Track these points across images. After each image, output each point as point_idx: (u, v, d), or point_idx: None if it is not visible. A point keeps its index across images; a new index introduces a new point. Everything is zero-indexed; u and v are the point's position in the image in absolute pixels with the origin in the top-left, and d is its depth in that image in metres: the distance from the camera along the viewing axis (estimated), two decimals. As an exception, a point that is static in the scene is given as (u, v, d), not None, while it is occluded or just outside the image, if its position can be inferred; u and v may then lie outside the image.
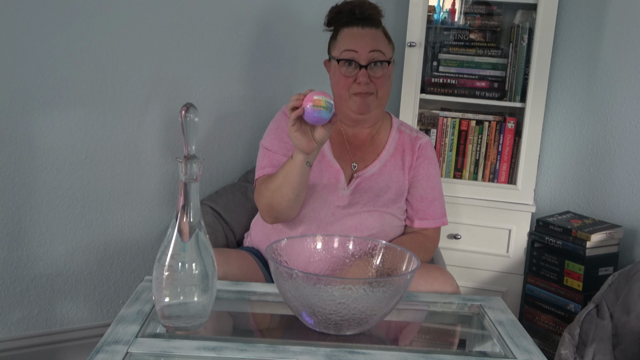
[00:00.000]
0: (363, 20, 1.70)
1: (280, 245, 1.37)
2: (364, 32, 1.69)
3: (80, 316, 2.15)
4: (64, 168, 2.03)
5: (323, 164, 1.71)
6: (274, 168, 1.68)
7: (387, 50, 1.71)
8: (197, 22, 2.15)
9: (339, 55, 1.69)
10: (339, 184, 1.70)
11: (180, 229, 1.19)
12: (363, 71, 1.66)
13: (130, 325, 1.21)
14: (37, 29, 1.92)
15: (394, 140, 1.79)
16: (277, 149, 1.71)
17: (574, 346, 1.82)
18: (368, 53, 1.66)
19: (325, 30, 1.79)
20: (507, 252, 2.36)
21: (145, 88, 2.11)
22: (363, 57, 1.67)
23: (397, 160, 1.77)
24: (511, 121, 2.35)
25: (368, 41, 1.68)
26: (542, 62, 2.25)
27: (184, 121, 1.18)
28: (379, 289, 1.17)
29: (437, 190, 1.80)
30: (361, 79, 1.66)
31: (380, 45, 1.69)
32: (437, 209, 1.78)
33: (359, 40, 1.68)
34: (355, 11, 1.71)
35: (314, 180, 1.68)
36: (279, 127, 1.74)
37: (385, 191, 1.73)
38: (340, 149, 1.76)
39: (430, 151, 1.80)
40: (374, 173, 1.74)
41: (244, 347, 1.16)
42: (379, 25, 1.73)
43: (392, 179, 1.74)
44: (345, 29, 1.71)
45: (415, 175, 1.77)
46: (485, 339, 1.34)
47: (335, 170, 1.71)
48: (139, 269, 2.22)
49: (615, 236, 2.18)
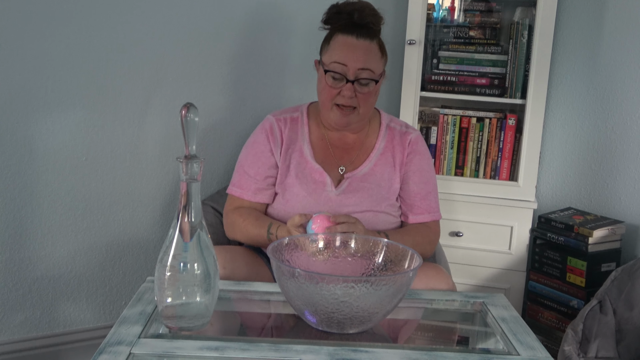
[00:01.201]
0: (360, 28, 1.65)
1: (282, 244, 1.37)
2: (358, 44, 1.64)
3: (83, 318, 2.15)
4: (64, 170, 2.03)
5: (307, 170, 1.72)
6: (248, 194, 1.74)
7: (378, 67, 1.67)
8: (195, 21, 2.15)
9: (328, 64, 1.66)
10: (326, 186, 1.71)
11: (181, 229, 1.19)
12: (349, 85, 1.64)
13: (133, 326, 1.21)
14: (37, 31, 1.92)
15: (384, 138, 1.78)
16: (254, 173, 1.74)
17: (577, 342, 1.81)
18: (357, 70, 1.64)
19: (321, 28, 1.75)
20: (509, 249, 2.36)
21: (145, 89, 2.11)
22: (351, 73, 1.64)
23: (388, 158, 1.76)
24: (512, 118, 2.35)
25: (359, 56, 1.64)
26: (542, 58, 2.25)
27: (185, 121, 1.18)
28: (381, 287, 1.17)
29: (430, 184, 1.79)
30: (346, 92, 1.65)
31: (371, 63, 1.65)
32: (431, 202, 1.79)
33: (351, 53, 1.64)
34: (355, 15, 1.66)
35: (299, 187, 1.70)
36: (256, 142, 1.77)
37: (377, 190, 1.73)
38: (324, 154, 1.76)
39: (420, 145, 1.80)
40: (366, 173, 1.74)
41: (246, 346, 1.16)
42: (375, 37, 1.68)
43: (383, 177, 1.74)
44: (340, 35, 1.66)
45: (407, 171, 1.77)
46: (489, 336, 1.33)
47: (320, 174, 1.72)
48: (141, 270, 2.22)
49: (618, 232, 2.18)
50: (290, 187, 1.71)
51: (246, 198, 1.74)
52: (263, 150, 1.75)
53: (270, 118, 1.79)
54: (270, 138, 1.75)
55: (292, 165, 1.73)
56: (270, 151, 1.74)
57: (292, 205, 1.69)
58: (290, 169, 1.73)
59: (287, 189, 1.72)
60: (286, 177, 1.73)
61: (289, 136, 1.76)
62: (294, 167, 1.73)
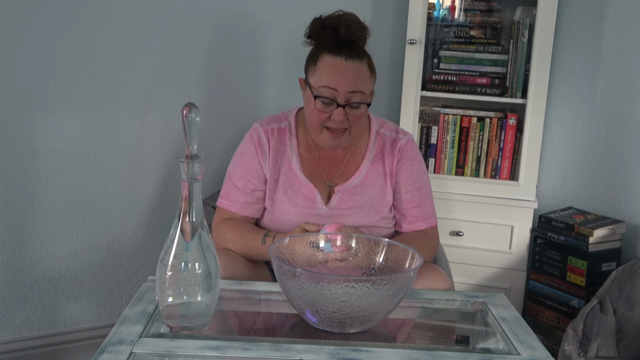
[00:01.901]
0: (348, 47, 1.57)
1: (283, 244, 1.37)
2: (347, 66, 1.55)
3: (84, 317, 2.15)
4: (65, 169, 2.03)
5: (296, 185, 1.67)
6: (237, 207, 1.68)
7: (368, 88, 1.59)
8: (194, 20, 2.15)
9: (317, 88, 1.57)
10: (316, 203, 1.66)
11: (182, 228, 1.19)
12: (340, 110, 1.57)
13: (134, 326, 1.22)
14: (38, 31, 1.92)
15: (374, 146, 1.71)
16: (242, 186, 1.68)
17: (577, 342, 1.82)
18: (348, 93, 1.56)
19: (305, 43, 1.64)
20: (510, 249, 2.36)
21: (146, 88, 2.11)
22: (342, 97, 1.56)
23: (379, 167, 1.70)
24: (512, 117, 2.35)
25: (350, 79, 1.55)
26: (542, 57, 2.25)
27: (186, 121, 1.18)
28: (382, 287, 1.17)
29: (423, 189, 1.73)
30: (337, 117, 1.57)
31: (362, 84, 1.57)
32: (426, 209, 1.72)
33: (341, 77, 1.55)
34: (341, 31, 1.57)
35: (289, 204, 1.66)
36: (244, 153, 1.70)
37: (370, 203, 1.67)
38: (312, 166, 1.70)
39: (411, 151, 1.72)
40: (357, 185, 1.68)
41: (247, 346, 1.16)
42: (364, 56, 1.59)
43: (375, 188, 1.69)
44: (328, 56, 1.57)
45: (398, 180, 1.70)
46: (489, 336, 1.33)
47: (309, 190, 1.67)
48: (142, 269, 2.22)
49: (618, 231, 2.18)
50: (280, 204, 1.66)
51: (234, 211, 1.68)
52: (252, 162, 1.68)
53: (257, 128, 1.71)
54: (258, 150, 1.68)
55: (281, 179, 1.67)
56: (259, 163, 1.68)
57: (283, 223, 1.66)
58: (279, 183, 1.67)
59: (276, 205, 1.67)
60: (275, 192, 1.67)
61: (277, 148, 1.69)
62: (283, 182, 1.67)
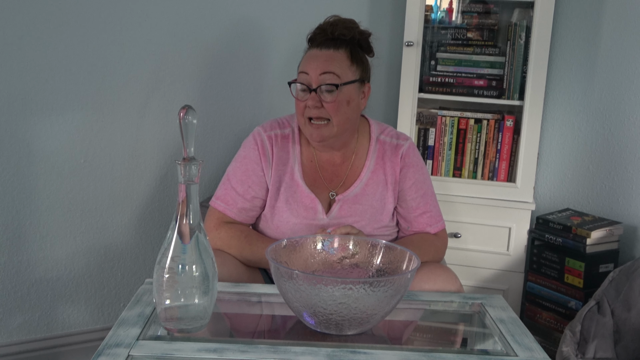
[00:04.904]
0: (329, 41, 1.61)
1: (280, 246, 1.37)
2: (320, 53, 1.59)
3: (82, 320, 2.15)
4: (63, 172, 2.03)
5: (297, 194, 1.65)
6: (232, 212, 1.65)
7: (343, 72, 1.58)
8: (191, 23, 2.15)
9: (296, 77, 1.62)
10: (317, 213, 1.64)
11: (180, 231, 1.19)
12: (312, 95, 1.57)
13: (132, 328, 1.21)
14: (35, 33, 1.92)
15: (374, 153, 1.70)
16: (242, 191, 1.66)
17: (575, 343, 1.82)
18: (319, 75, 1.57)
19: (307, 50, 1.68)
20: (508, 250, 2.36)
21: (143, 91, 2.11)
22: (314, 80, 1.57)
23: (380, 176, 1.68)
24: (510, 119, 2.35)
25: (321, 62, 1.57)
26: (539, 59, 2.25)
27: (183, 123, 1.18)
28: (379, 289, 1.17)
29: (428, 194, 1.72)
30: (309, 102, 1.58)
31: (334, 67, 1.57)
32: (433, 214, 1.71)
33: (312, 61, 1.59)
34: (328, 31, 1.61)
35: (290, 214, 1.64)
36: (247, 157, 1.67)
37: (371, 212, 1.66)
38: (313, 176, 1.69)
39: (413, 157, 1.71)
40: (357, 194, 1.66)
41: (245, 348, 1.16)
42: (342, 47, 1.61)
43: (375, 197, 1.67)
44: (309, 51, 1.63)
45: (403, 188, 1.69)
46: (487, 337, 1.33)
47: (311, 200, 1.65)
48: (140, 272, 2.22)
49: (616, 233, 2.18)
50: (280, 212, 1.65)
51: (229, 215, 1.65)
52: (254, 168, 1.66)
53: (261, 133, 1.68)
54: (262, 157, 1.66)
55: (283, 188, 1.65)
56: (261, 170, 1.66)
57: (282, 232, 1.64)
58: (280, 192, 1.65)
59: (276, 213, 1.65)
60: (276, 201, 1.65)
61: (280, 155, 1.67)
62: (284, 191, 1.65)
